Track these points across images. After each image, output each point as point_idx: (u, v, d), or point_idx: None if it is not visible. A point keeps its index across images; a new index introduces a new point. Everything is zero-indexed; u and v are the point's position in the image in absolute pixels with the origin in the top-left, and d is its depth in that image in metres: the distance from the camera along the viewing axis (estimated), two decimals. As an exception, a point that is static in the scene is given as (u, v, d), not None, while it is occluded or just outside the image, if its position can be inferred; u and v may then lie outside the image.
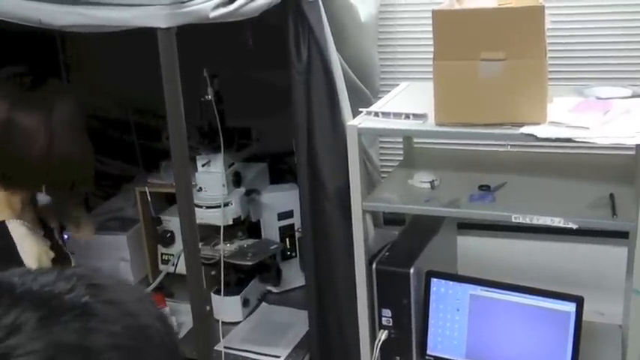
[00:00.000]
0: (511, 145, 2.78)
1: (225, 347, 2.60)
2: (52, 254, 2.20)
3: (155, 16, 1.73)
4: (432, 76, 2.59)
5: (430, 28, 2.77)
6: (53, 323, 0.71)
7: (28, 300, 0.73)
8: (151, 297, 0.89)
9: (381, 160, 2.95)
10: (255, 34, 2.49)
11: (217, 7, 1.81)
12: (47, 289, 0.75)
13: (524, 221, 2.22)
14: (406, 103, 2.48)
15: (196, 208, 2.37)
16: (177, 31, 1.81)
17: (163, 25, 1.74)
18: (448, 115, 2.24)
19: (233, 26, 2.00)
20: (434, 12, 2.17)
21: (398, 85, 2.76)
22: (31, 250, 2.13)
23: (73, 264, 2.37)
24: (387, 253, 2.49)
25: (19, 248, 2.11)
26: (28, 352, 0.69)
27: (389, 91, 2.70)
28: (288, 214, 2.94)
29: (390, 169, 2.89)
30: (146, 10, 1.75)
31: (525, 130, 2.14)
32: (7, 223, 2.14)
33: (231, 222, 2.74)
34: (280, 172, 3.13)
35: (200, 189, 2.70)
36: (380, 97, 2.67)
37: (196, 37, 1.96)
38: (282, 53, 2.33)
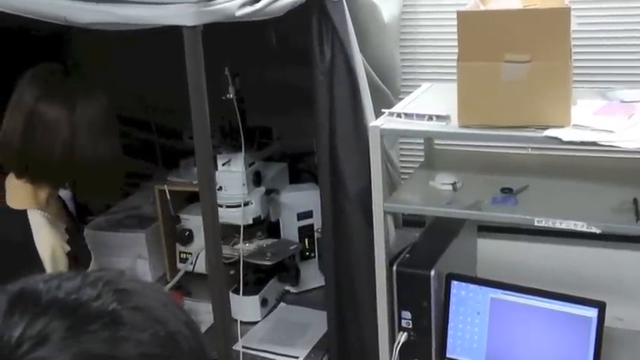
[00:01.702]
0: (532, 148, 2.76)
1: (243, 347, 2.59)
2: (67, 248, 2.21)
3: (181, 15, 1.73)
4: (453, 78, 2.58)
5: (452, 29, 2.75)
6: (81, 333, 0.70)
7: (54, 309, 0.71)
8: (177, 301, 0.86)
9: (400, 161, 2.94)
10: (278, 34, 2.49)
11: (243, 5, 1.80)
12: (74, 296, 0.73)
13: (547, 225, 2.20)
14: (429, 104, 2.46)
15: (216, 207, 2.39)
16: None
17: (189, 24, 1.73)
18: (471, 116, 2.23)
19: (255, 25, 1.99)
20: (458, 13, 2.16)
21: (419, 86, 2.75)
22: (46, 241, 2.14)
23: (93, 259, 2.38)
24: (407, 255, 2.47)
25: (35, 238, 2.14)
26: None
27: (410, 92, 2.69)
28: (308, 215, 2.92)
29: (409, 171, 2.88)
30: (172, 9, 1.74)
31: (549, 132, 2.13)
32: (28, 212, 2.16)
33: (250, 221, 2.74)
34: (300, 172, 3.13)
35: (220, 188, 2.69)
36: (401, 98, 2.65)
37: (218, 35, 1.96)
38: (305, 53, 2.32)
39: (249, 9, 1.81)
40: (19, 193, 2.20)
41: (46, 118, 2.08)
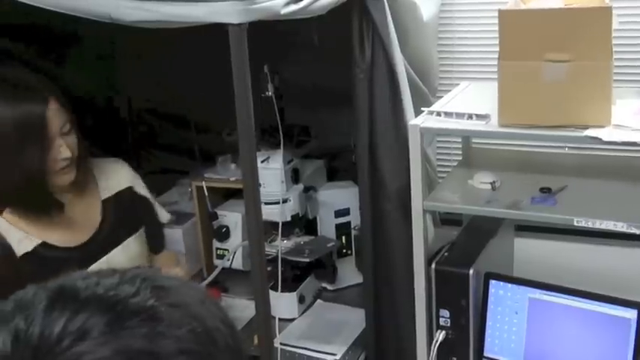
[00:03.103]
0: (569, 147, 2.75)
1: (280, 343, 2.60)
2: None
3: (227, 12, 1.73)
4: (490, 76, 2.57)
5: (489, 27, 2.77)
6: (120, 328, 0.70)
7: (93, 305, 0.72)
8: (214, 298, 0.87)
9: (437, 159, 2.93)
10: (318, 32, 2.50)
11: (288, 3, 1.81)
12: (112, 292, 0.74)
13: (586, 225, 2.19)
14: (468, 103, 2.46)
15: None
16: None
17: (235, 21, 1.74)
18: (512, 116, 2.22)
19: (293, 23, 1.99)
20: (500, 12, 2.15)
21: (456, 84, 2.76)
22: None
23: None
24: (446, 254, 2.47)
25: None
26: (97, 358, 0.68)
27: (446, 91, 2.69)
28: (345, 212, 2.94)
29: (445, 169, 2.89)
30: (218, 6, 1.74)
31: (590, 132, 2.12)
32: None
33: (289, 218, 2.75)
34: (337, 170, 3.13)
35: (259, 185, 2.70)
36: (439, 97, 2.65)
37: (257, 32, 1.96)
38: (343, 51, 2.33)
39: (293, 7, 1.82)
40: None
41: None
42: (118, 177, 2.35)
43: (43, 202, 2.10)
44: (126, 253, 2.28)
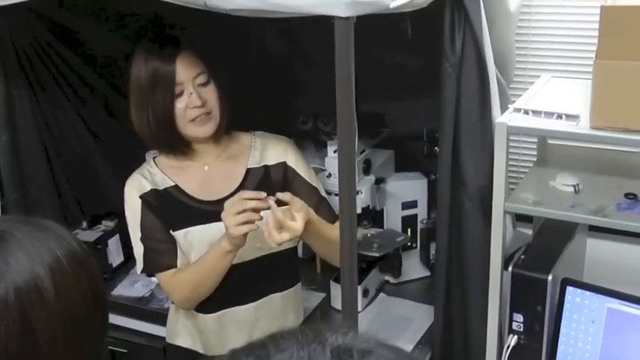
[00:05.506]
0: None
1: (345, 338, 2.53)
2: None
3: (336, 5, 1.63)
4: (565, 69, 2.57)
5: (568, 18, 2.74)
6: None
7: None
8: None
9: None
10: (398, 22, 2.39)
11: (397, -4, 1.71)
12: None
13: (678, 238, 2.09)
14: (553, 100, 2.35)
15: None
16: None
17: (344, 14, 1.64)
18: (606, 118, 2.11)
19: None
20: (603, 8, 2.04)
21: (530, 75, 2.71)
22: None
23: None
24: (522, 256, 2.37)
25: None
26: None
27: (520, 82, 2.58)
28: (412, 204, 2.84)
29: (514, 163, 2.78)
30: (326, -2, 1.64)
31: (689, 140, 2.01)
32: None
33: (359, 211, 2.65)
34: (405, 160, 3.02)
35: (329, 175, 2.61)
36: (511, 87, 2.55)
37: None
38: (421, 39, 2.26)
39: (402, 1, 1.71)
40: None
41: None
42: (273, 151, 2.35)
43: (172, 143, 2.24)
44: None
